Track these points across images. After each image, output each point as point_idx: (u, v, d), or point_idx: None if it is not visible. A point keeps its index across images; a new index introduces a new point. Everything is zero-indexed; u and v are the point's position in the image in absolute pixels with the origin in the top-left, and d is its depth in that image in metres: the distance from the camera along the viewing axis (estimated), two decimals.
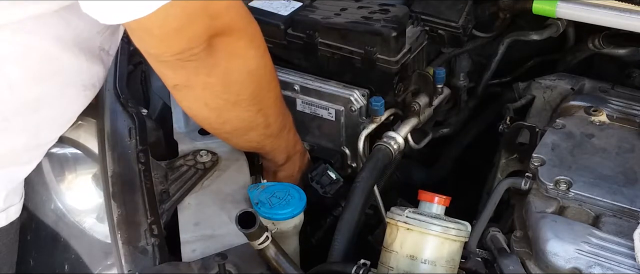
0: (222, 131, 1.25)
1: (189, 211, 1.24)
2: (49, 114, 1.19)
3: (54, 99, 1.18)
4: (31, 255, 1.35)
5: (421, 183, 1.62)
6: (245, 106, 1.18)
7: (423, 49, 1.50)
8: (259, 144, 1.29)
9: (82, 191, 1.36)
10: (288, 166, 1.39)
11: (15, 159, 1.19)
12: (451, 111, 1.71)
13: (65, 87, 1.19)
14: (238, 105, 1.17)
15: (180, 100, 1.17)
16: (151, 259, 1.16)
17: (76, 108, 1.26)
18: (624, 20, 1.38)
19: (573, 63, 1.64)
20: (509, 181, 1.25)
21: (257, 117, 1.21)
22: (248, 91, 1.16)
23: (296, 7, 1.49)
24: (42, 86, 1.15)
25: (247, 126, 1.23)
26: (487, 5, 1.61)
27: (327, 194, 1.38)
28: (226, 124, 1.21)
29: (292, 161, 1.39)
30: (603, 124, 1.34)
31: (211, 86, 1.11)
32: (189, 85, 1.10)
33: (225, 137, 1.28)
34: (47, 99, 1.17)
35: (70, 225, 1.35)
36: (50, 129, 1.22)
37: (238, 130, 1.24)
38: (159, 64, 1.07)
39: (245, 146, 1.32)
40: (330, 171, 1.40)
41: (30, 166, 1.23)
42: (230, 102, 1.15)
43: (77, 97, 1.23)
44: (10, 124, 1.15)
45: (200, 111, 1.18)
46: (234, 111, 1.18)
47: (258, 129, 1.24)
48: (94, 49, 1.21)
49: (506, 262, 1.14)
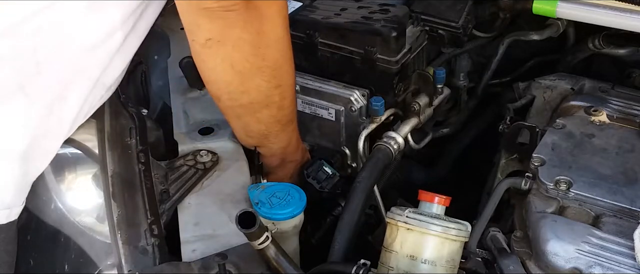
0: (239, 102, 1.25)
1: (189, 211, 1.24)
2: (72, 102, 1.21)
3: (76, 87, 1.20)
4: (31, 255, 1.34)
5: (421, 183, 1.62)
6: (268, 76, 1.20)
7: (423, 49, 1.50)
8: (267, 128, 1.30)
9: (82, 191, 1.36)
10: (279, 170, 1.39)
11: (36, 148, 1.19)
12: (451, 111, 1.72)
13: (88, 80, 1.22)
14: (261, 72, 1.19)
15: (208, 59, 1.19)
16: (151, 259, 1.16)
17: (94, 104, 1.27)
18: (624, 20, 1.38)
19: (573, 63, 1.64)
20: (509, 181, 1.25)
21: (275, 92, 1.23)
22: (273, 58, 1.19)
23: (296, 7, 1.50)
24: (68, 73, 1.17)
25: (263, 101, 1.24)
26: (487, 5, 1.61)
27: (324, 189, 1.39)
28: (245, 94, 1.22)
29: (285, 166, 1.39)
30: (603, 124, 1.34)
31: (242, 44, 1.15)
32: (222, 40, 1.14)
33: (238, 113, 1.28)
34: (69, 86, 1.19)
35: (70, 225, 1.35)
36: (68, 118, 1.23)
37: (254, 104, 1.24)
38: (199, 12, 1.11)
39: (252, 130, 1.31)
40: (326, 166, 1.40)
41: (44, 161, 1.22)
42: (255, 67, 1.18)
43: (97, 93, 1.25)
44: (32, 102, 1.16)
45: (224, 74, 1.19)
46: (256, 78, 1.20)
47: (272, 108, 1.26)
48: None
49: (506, 262, 1.14)
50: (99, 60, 1.22)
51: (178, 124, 1.42)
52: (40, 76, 1.15)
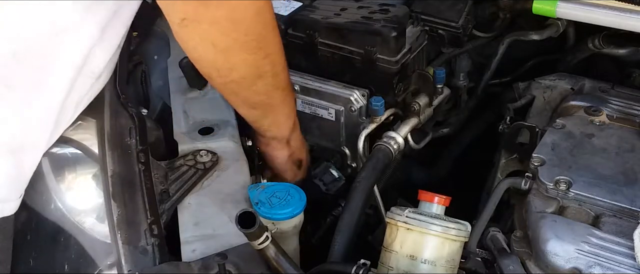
0: (229, 79, 1.22)
1: (189, 211, 1.24)
2: (54, 89, 1.18)
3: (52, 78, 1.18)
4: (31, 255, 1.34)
5: (421, 183, 1.62)
6: (253, 48, 1.16)
7: (423, 49, 1.51)
8: (268, 96, 1.27)
9: (82, 191, 1.36)
10: (296, 137, 1.35)
11: (24, 139, 1.18)
12: (451, 111, 1.72)
13: (69, 66, 1.19)
14: (246, 46, 1.15)
15: (188, 39, 1.15)
16: (151, 259, 1.16)
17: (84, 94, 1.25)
18: (624, 20, 1.38)
19: (573, 63, 1.64)
20: (509, 181, 1.25)
21: (264, 63, 1.20)
22: (256, 31, 1.15)
23: (296, 7, 1.50)
24: (45, 60, 1.15)
25: (255, 73, 1.21)
26: (487, 5, 1.61)
27: (329, 191, 1.39)
28: (233, 70, 1.19)
29: (297, 131, 1.35)
30: (603, 124, 1.34)
31: (219, 21, 1.11)
32: (197, 18, 1.10)
33: (233, 89, 1.25)
34: (48, 73, 1.16)
35: (70, 225, 1.35)
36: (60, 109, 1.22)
37: (246, 79, 1.21)
38: None
39: (254, 101, 1.29)
40: (333, 170, 1.41)
41: (35, 153, 1.21)
42: (238, 43, 1.14)
43: (84, 81, 1.23)
44: (14, 92, 1.14)
45: (206, 52, 1.16)
46: (242, 53, 1.16)
47: (266, 78, 1.23)
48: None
49: (506, 262, 1.14)
50: (76, 44, 1.19)
51: (178, 124, 1.42)
52: (19, 65, 1.14)
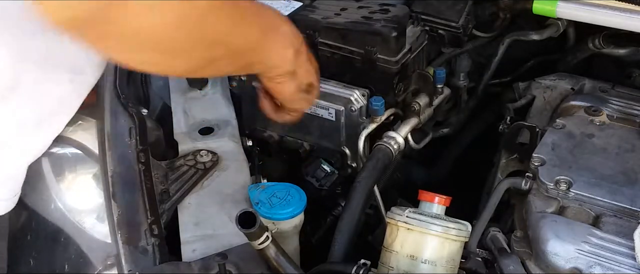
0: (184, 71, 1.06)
1: (189, 211, 1.24)
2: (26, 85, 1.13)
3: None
4: (31, 255, 1.34)
5: (421, 183, 1.62)
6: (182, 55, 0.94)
7: (423, 49, 1.50)
8: (257, 40, 1.06)
9: (82, 191, 1.36)
10: (301, 64, 1.18)
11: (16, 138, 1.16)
12: (451, 111, 1.71)
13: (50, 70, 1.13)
14: (172, 57, 0.93)
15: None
16: (151, 259, 1.16)
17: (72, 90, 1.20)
18: (624, 20, 1.38)
19: (573, 63, 1.64)
20: (509, 181, 1.25)
21: (210, 54, 0.98)
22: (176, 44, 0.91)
23: (296, 7, 1.49)
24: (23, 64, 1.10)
25: (206, 63, 0.99)
26: (487, 5, 1.61)
27: (323, 187, 1.39)
28: (182, 68, 0.99)
29: (302, 56, 1.19)
30: (603, 124, 1.34)
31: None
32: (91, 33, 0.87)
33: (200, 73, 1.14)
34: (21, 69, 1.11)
35: (70, 225, 1.35)
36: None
37: (204, 69, 1.02)
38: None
39: (228, 70, 1.17)
40: (324, 164, 1.41)
41: (27, 151, 1.20)
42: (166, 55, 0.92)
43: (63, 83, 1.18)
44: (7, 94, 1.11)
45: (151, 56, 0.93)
46: (175, 60, 0.94)
47: (223, 59, 1.00)
48: None
49: (506, 262, 1.14)
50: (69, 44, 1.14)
51: (178, 124, 1.42)
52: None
